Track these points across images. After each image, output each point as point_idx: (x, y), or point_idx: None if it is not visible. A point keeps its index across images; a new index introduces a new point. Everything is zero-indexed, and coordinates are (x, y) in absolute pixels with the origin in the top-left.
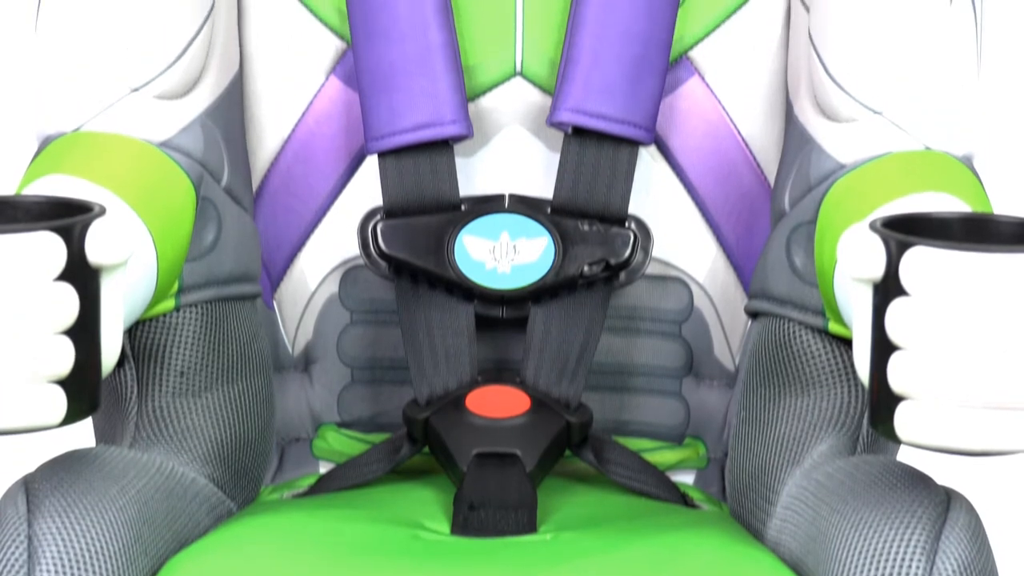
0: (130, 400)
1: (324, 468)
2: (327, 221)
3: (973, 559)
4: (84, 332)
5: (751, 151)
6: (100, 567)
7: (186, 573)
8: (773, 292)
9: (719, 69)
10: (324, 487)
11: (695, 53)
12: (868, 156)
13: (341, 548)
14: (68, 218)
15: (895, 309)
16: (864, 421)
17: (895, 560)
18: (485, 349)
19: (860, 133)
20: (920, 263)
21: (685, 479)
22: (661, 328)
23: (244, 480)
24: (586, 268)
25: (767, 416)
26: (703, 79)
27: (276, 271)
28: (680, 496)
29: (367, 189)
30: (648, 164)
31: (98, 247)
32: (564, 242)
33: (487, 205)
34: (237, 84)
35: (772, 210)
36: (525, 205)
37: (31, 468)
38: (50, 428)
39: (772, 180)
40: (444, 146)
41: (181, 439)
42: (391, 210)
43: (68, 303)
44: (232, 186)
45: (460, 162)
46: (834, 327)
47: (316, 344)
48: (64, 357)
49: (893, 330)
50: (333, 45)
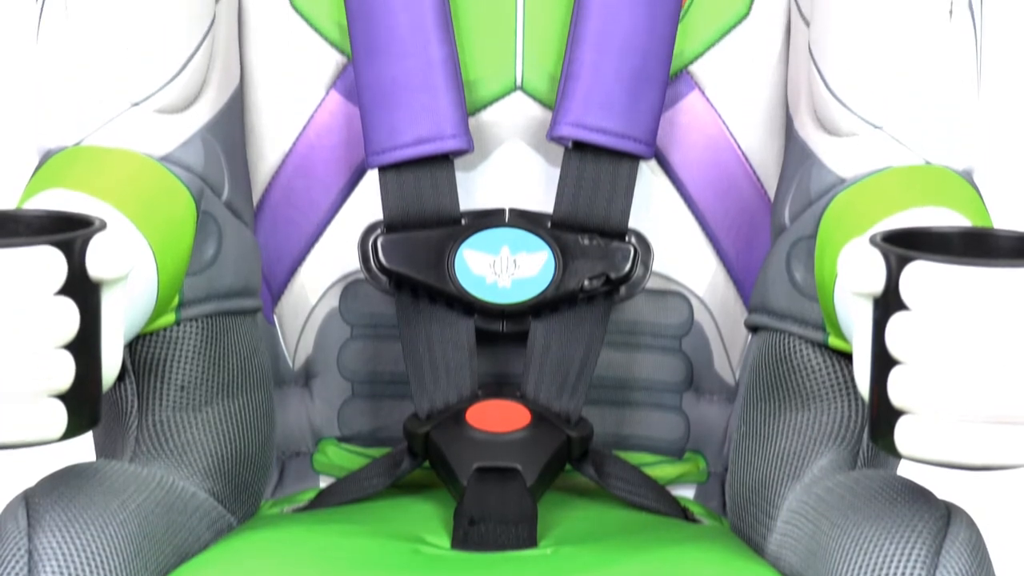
0: (130, 414)
1: (324, 482)
2: (327, 235)
3: (974, 574)
4: (84, 346)
5: (751, 165)
6: None
7: None
8: (773, 306)
9: (719, 84)
10: (324, 501)
11: (695, 68)
12: (868, 170)
13: (341, 563)
14: (69, 232)
15: (895, 324)
16: (864, 435)
17: (896, 575)
18: (485, 363)
19: (860, 147)
20: (920, 278)
21: (685, 493)
22: (661, 342)
23: (244, 494)
24: (586, 282)
25: (767, 430)
26: (703, 93)
27: (276, 285)
28: (680, 510)
29: (367, 203)
30: (648, 178)
31: (99, 261)
32: (564, 256)
33: (487, 219)
34: (238, 98)
35: (772, 224)
36: (525, 219)
37: (31, 482)
38: (50, 442)
39: (772, 194)
40: (444, 160)
41: (181, 453)
42: (391, 224)
43: (69, 317)
44: (233, 200)
45: (460, 176)
46: (834, 341)
47: (316, 358)
48: (64, 371)
49: (893, 344)
50: (333, 59)
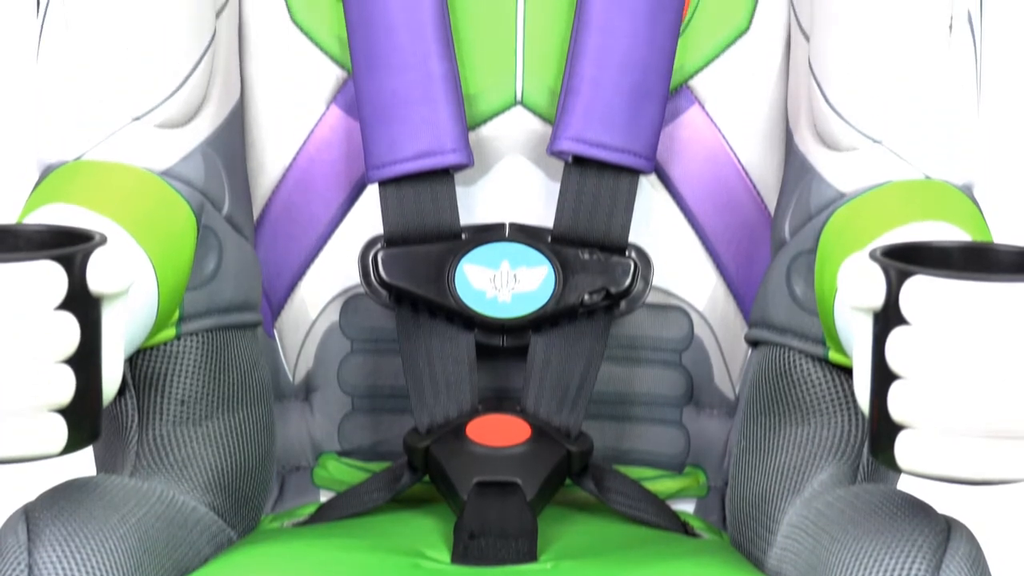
0: (131, 429)
1: (324, 497)
2: (328, 249)
3: None
4: (85, 361)
5: (751, 180)
6: None
7: None
8: (773, 321)
9: (719, 98)
10: (324, 516)
11: (695, 82)
12: (868, 185)
13: None
14: (69, 247)
15: (895, 338)
16: (864, 450)
17: None
18: (485, 378)
19: (860, 162)
20: (920, 292)
21: (686, 508)
22: (661, 357)
23: (245, 509)
24: (586, 297)
25: (767, 445)
26: (703, 108)
27: (277, 299)
28: (681, 525)
29: (368, 218)
30: (648, 193)
31: (99, 276)
32: (564, 271)
33: (487, 234)
34: (238, 113)
35: (772, 239)
36: (525, 234)
37: (31, 497)
38: (51, 457)
39: (772, 209)
40: (445, 175)
41: (182, 467)
42: (392, 239)
43: (69, 332)
44: (233, 214)
45: (461, 191)
46: (834, 356)
47: (317, 373)
48: (65, 386)
49: (893, 359)
50: (334, 74)
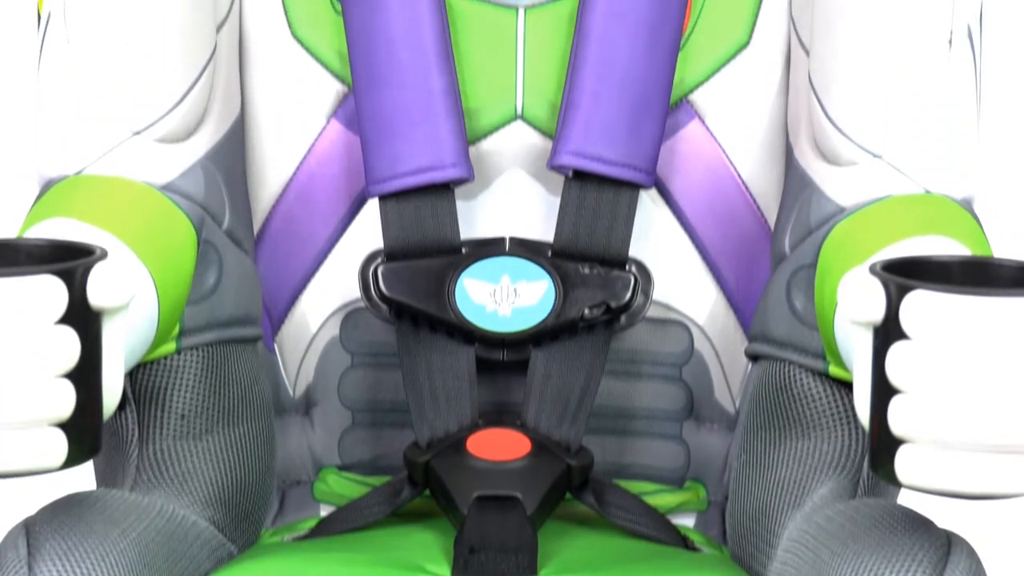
0: (131, 443)
1: (325, 511)
2: (328, 264)
3: None
4: (85, 375)
5: (751, 194)
6: None
7: None
8: (773, 335)
9: (719, 112)
10: (325, 530)
11: (695, 96)
12: (868, 199)
13: None
14: (70, 261)
15: (895, 353)
16: (865, 464)
17: None
18: (486, 392)
19: (860, 176)
20: (920, 307)
21: (686, 522)
22: (662, 371)
23: (245, 523)
24: (587, 311)
25: (767, 459)
26: (703, 122)
27: (277, 314)
28: (681, 539)
29: (368, 232)
30: (648, 207)
31: (99, 290)
32: (564, 285)
33: (488, 248)
34: (239, 127)
35: (772, 253)
36: (525, 248)
37: (32, 511)
38: (51, 471)
39: (772, 223)
40: (445, 189)
41: (182, 482)
42: (392, 253)
43: (69, 346)
44: (233, 229)
45: (461, 205)
46: (835, 370)
47: (317, 387)
48: (65, 400)
49: (893, 373)
50: (334, 89)
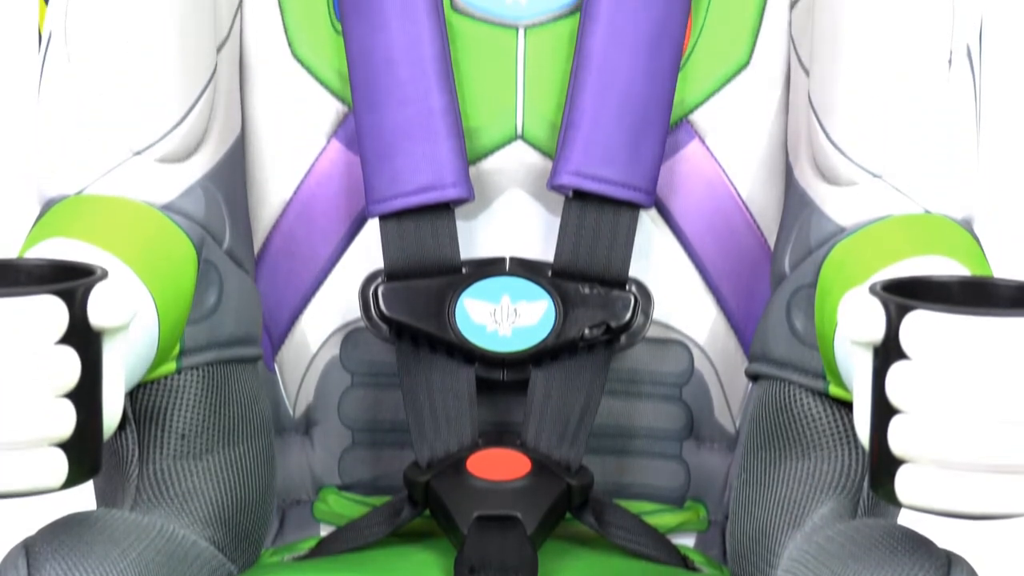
0: (131, 463)
1: (325, 531)
2: (328, 283)
3: None
4: (85, 395)
5: (751, 214)
6: None
7: None
8: (773, 355)
9: (719, 132)
10: (325, 550)
11: (695, 116)
12: (868, 219)
13: None
14: (70, 281)
15: (895, 372)
16: (865, 484)
17: None
18: (486, 412)
19: (860, 196)
20: (920, 327)
21: (686, 542)
22: (662, 391)
23: (245, 543)
24: (587, 331)
25: (768, 479)
26: (703, 142)
27: (277, 333)
28: (681, 559)
29: (368, 252)
30: (648, 227)
31: (100, 310)
32: (565, 305)
33: (488, 268)
34: (239, 147)
35: (772, 273)
36: (526, 268)
37: (32, 531)
38: (51, 491)
39: (772, 243)
40: (445, 209)
41: (182, 502)
42: (392, 273)
43: (70, 366)
44: (233, 249)
45: (461, 225)
46: (835, 390)
47: (317, 406)
48: (65, 420)
49: (893, 393)
50: (334, 108)
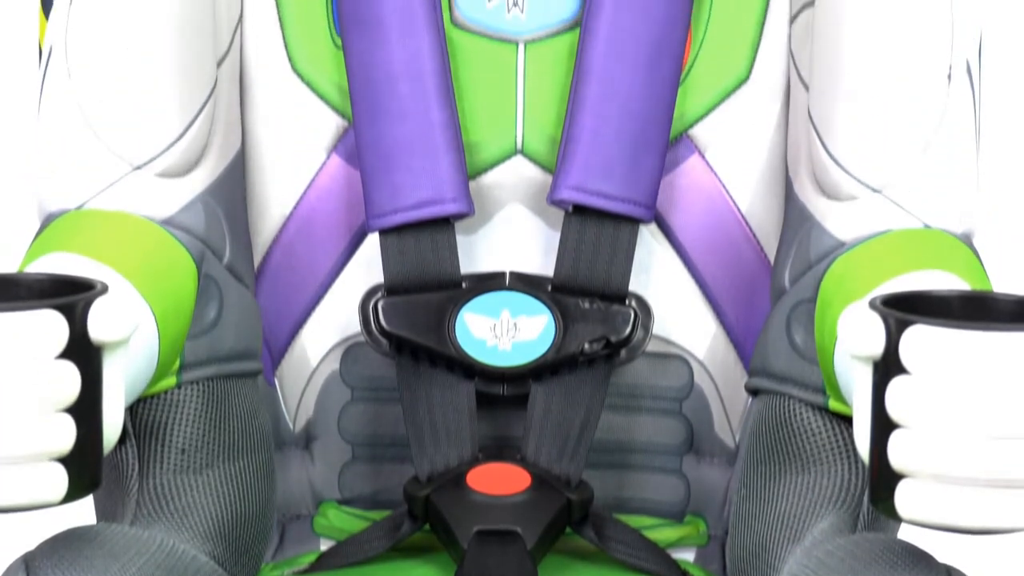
0: (131, 477)
1: (325, 545)
2: (329, 298)
3: None
4: (86, 410)
5: (751, 228)
6: None
7: None
8: (773, 369)
9: (719, 147)
10: (325, 564)
11: (695, 131)
12: (868, 234)
13: None
14: (70, 296)
15: (895, 387)
16: (865, 499)
17: None
18: (486, 426)
19: (860, 211)
20: (920, 341)
21: (686, 556)
22: (661, 405)
23: (245, 557)
24: (587, 346)
25: (768, 493)
26: (703, 157)
27: (277, 348)
28: (681, 574)
29: (368, 266)
30: (648, 242)
31: (100, 325)
32: (564, 320)
33: (488, 283)
34: (239, 161)
35: (772, 287)
36: (526, 283)
37: (32, 545)
38: (51, 506)
39: (772, 257)
40: (445, 224)
41: (182, 516)
42: (392, 287)
43: (70, 381)
44: (234, 263)
45: (461, 240)
46: (835, 405)
47: (317, 421)
48: (65, 435)
49: (893, 408)
50: (334, 123)
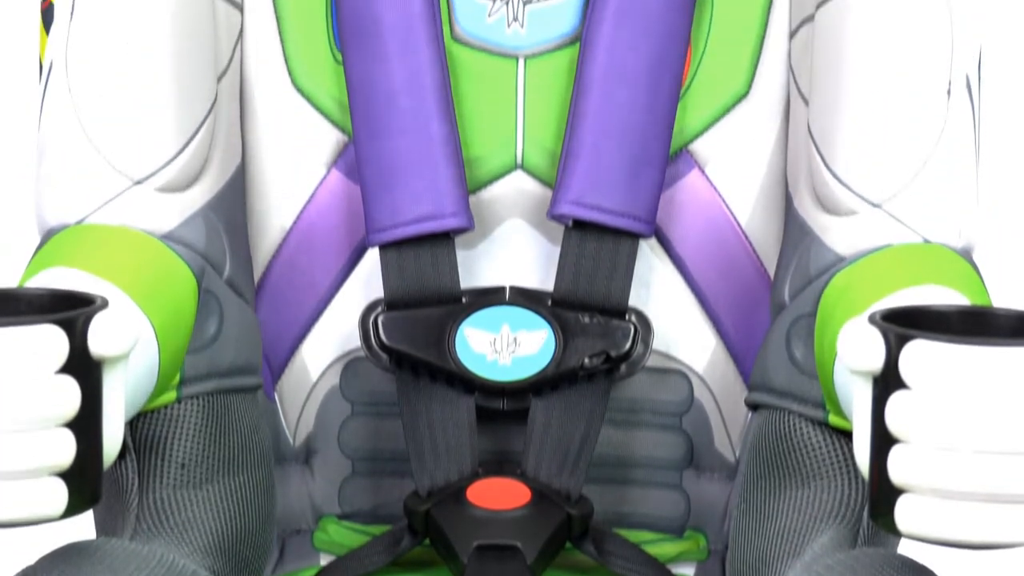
0: (131, 492)
1: (325, 560)
2: (328, 313)
3: None
4: (86, 425)
5: (751, 243)
6: None
7: None
8: (773, 384)
9: (719, 162)
10: None
11: (695, 146)
12: (867, 249)
13: None
14: (71, 311)
15: (895, 402)
16: (864, 514)
17: None
18: (486, 441)
19: (859, 226)
20: (919, 356)
21: (686, 571)
22: (661, 420)
23: (245, 572)
24: (586, 360)
25: (767, 508)
26: (703, 172)
27: (278, 362)
28: None
29: (368, 281)
30: (648, 256)
31: (100, 340)
32: (564, 334)
33: (488, 297)
34: (239, 176)
35: (772, 302)
36: (526, 297)
37: (31, 560)
38: (51, 521)
39: (772, 272)
40: (445, 238)
41: (182, 531)
42: (392, 302)
43: (70, 396)
44: (234, 278)
45: (461, 254)
46: (834, 419)
47: (317, 436)
48: (65, 450)
49: (893, 423)
50: (334, 138)
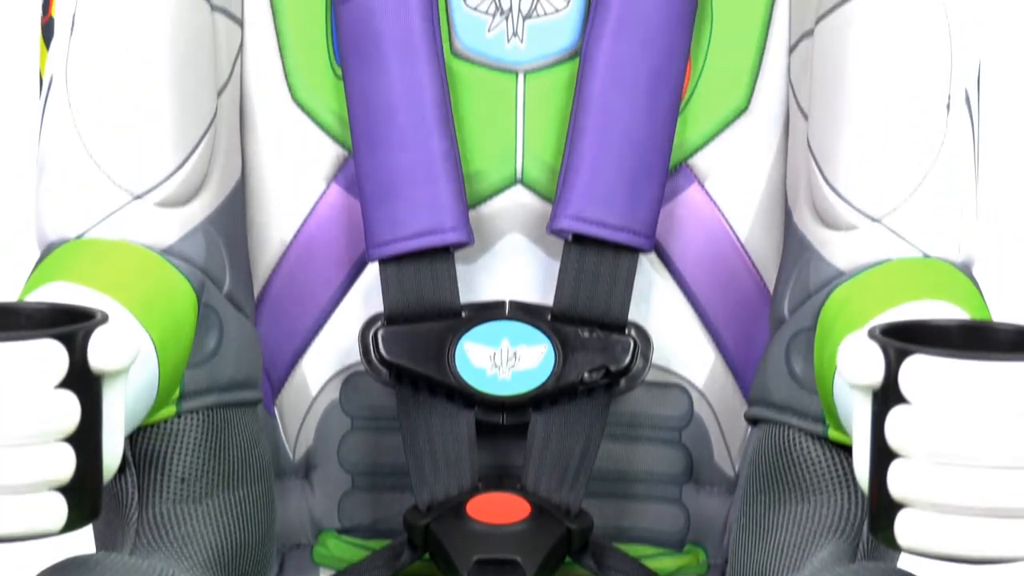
0: (131, 506)
1: (324, 575)
2: (328, 327)
3: None
4: (85, 439)
5: (750, 258)
6: None
7: None
8: (773, 399)
9: (719, 177)
10: None
11: (695, 161)
12: (867, 263)
13: None
14: (70, 325)
15: (895, 417)
16: (864, 528)
17: None
18: (486, 455)
19: (859, 241)
20: (919, 371)
21: None
22: (661, 435)
23: None
24: (586, 375)
25: (767, 523)
26: (702, 186)
27: (277, 377)
28: None
29: (368, 296)
30: (648, 271)
31: (100, 354)
32: (564, 349)
33: (488, 312)
34: (239, 191)
35: (771, 317)
36: (525, 312)
37: (31, 575)
38: (50, 535)
39: (771, 287)
40: (445, 253)
41: (182, 545)
42: (392, 317)
43: (69, 410)
44: (233, 292)
45: (461, 269)
46: (834, 434)
47: (317, 450)
48: (65, 464)
49: (893, 437)
50: (334, 153)
